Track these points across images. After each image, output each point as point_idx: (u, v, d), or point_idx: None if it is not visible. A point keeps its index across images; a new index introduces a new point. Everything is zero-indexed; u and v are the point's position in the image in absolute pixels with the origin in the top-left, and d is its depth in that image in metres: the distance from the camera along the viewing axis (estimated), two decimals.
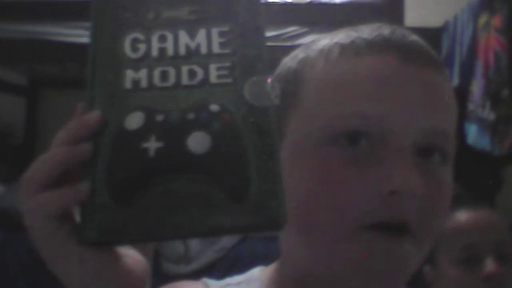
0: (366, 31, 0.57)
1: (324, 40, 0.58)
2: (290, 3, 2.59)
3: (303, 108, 0.56)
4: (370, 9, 2.47)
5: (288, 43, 2.39)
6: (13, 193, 2.37)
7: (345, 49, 0.56)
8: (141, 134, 0.44)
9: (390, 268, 0.53)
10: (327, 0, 2.57)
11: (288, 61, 0.60)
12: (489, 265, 1.16)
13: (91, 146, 0.44)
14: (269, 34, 2.28)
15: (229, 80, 0.46)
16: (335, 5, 2.55)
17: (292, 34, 2.48)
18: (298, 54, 0.60)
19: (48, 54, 2.58)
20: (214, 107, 0.44)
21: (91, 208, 0.43)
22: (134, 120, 0.44)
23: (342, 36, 0.57)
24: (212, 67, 0.46)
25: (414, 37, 0.57)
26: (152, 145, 0.43)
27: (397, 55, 0.54)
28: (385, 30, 0.56)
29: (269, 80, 0.46)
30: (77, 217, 0.44)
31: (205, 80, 0.46)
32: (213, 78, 0.46)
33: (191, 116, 0.44)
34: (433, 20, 2.63)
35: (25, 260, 2.21)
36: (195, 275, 2.19)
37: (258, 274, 0.66)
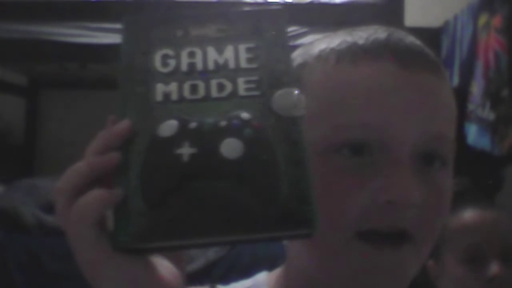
0: (363, 36, 0.56)
1: (321, 44, 0.58)
2: (290, 3, 2.59)
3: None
4: (370, 9, 2.47)
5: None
6: (13, 193, 2.37)
7: (341, 56, 0.56)
8: (175, 140, 0.44)
9: (388, 275, 0.53)
10: (327, 0, 2.57)
11: None
12: (494, 266, 1.15)
13: (120, 155, 0.44)
14: None
15: (257, 93, 0.47)
16: (335, 5, 2.55)
17: (292, 34, 2.48)
18: (296, 58, 0.60)
19: (48, 54, 2.58)
20: (245, 115, 0.45)
21: (124, 214, 0.43)
22: (168, 128, 0.45)
23: (338, 41, 0.57)
24: (240, 81, 0.47)
25: (411, 40, 0.57)
26: (186, 151, 0.43)
27: (394, 61, 0.54)
28: (382, 34, 0.56)
29: (296, 92, 0.47)
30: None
31: (234, 93, 0.47)
32: (241, 90, 0.47)
33: (223, 123, 0.45)
34: (433, 20, 2.63)
35: (25, 260, 2.21)
36: (195, 275, 2.20)
37: (264, 279, 0.66)
